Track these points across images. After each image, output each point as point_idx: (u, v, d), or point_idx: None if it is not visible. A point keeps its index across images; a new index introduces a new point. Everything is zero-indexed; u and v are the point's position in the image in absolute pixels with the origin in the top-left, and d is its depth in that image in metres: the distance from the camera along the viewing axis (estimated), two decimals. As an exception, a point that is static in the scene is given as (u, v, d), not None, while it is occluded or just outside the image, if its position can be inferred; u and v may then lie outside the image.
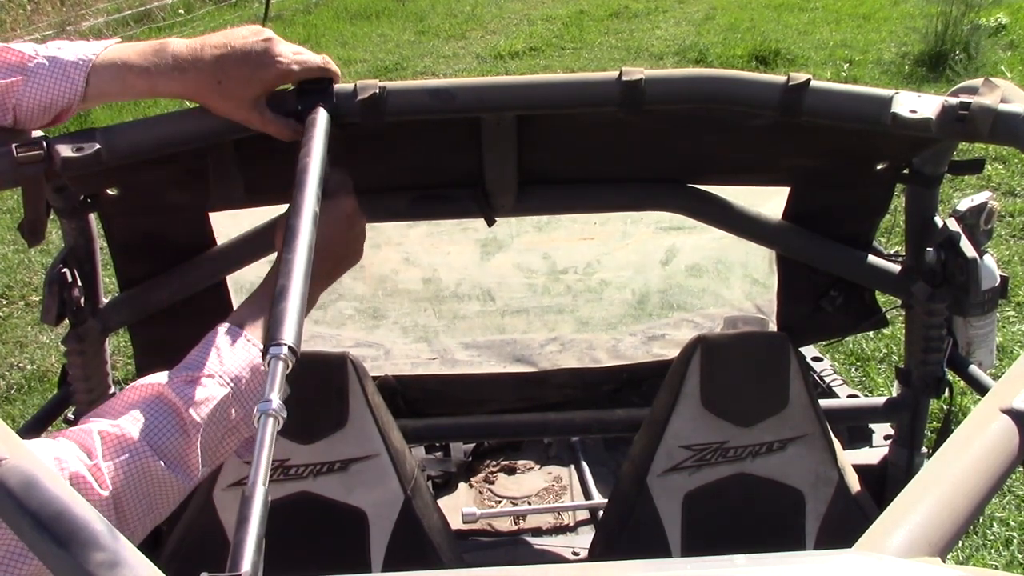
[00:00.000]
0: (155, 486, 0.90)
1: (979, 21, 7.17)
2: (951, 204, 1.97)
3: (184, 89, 1.09)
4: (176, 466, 0.91)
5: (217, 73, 1.08)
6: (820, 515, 1.52)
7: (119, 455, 0.88)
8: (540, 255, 2.31)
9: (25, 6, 9.06)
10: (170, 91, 1.10)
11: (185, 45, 1.09)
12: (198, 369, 0.95)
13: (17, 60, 1.07)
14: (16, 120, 1.08)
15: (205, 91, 1.10)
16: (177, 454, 0.91)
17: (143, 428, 0.90)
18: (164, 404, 0.92)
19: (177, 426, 0.91)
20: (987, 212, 1.50)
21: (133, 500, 0.88)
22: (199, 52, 1.08)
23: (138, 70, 1.07)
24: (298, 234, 0.93)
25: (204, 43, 1.09)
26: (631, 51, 8.17)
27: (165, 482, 0.91)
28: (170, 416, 0.92)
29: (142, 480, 0.89)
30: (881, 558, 0.56)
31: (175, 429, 0.91)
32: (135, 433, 0.89)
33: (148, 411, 0.91)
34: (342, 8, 10.20)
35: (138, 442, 0.89)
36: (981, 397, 1.24)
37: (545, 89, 1.24)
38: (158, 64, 1.07)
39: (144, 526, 0.91)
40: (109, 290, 1.54)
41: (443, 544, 1.52)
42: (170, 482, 0.91)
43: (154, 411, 0.91)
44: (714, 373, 1.48)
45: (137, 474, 0.88)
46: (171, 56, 1.08)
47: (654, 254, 2.29)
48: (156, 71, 1.07)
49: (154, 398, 0.92)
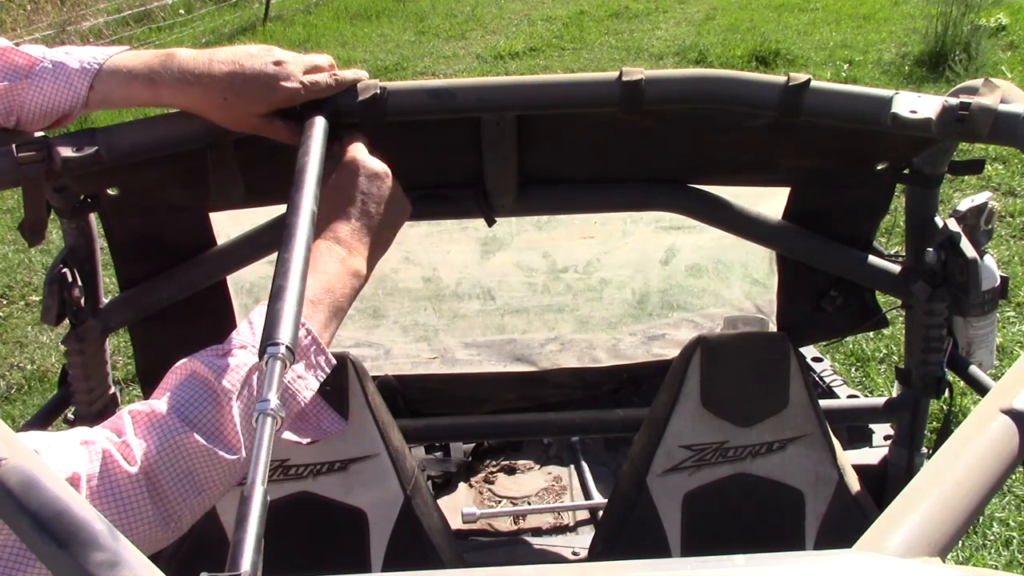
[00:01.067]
0: (196, 461, 0.87)
1: (979, 21, 7.18)
2: (951, 204, 1.97)
3: (188, 101, 1.10)
4: (214, 438, 0.87)
5: (224, 90, 1.08)
6: (820, 515, 1.52)
7: (150, 431, 0.85)
8: (540, 254, 2.31)
9: (25, 6, 9.06)
10: (174, 102, 1.10)
11: (193, 57, 1.09)
12: (229, 342, 0.93)
13: (24, 63, 1.07)
14: (19, 122, 1.09)
15: (210, 106, 1.10)
16: (212, 425, 0.88)
17: (173, 403, 0.87)
18: (194, 378, 0.89)
19: (208, 396, 0.88)
20: (987, 212, 1.50)
21: (171, 477, 0.86)
22: (207, 66, 1.08)
23: (143, 79, 1.08)
24: (296, 234, 0.94)
25: (213, 58, 1.09)
26: (631, 51, 8.18)
27: (206, 456, 0.87)
28: (200, 388, 0.89)
29: (178, 455, 0.86)
30: (881, 558, 0.56)
31: (206, 400, 0.88)
32: (165, 408, 0.87)
33: (179, 387, 0.89)
34: (342, 8, 10.20)
35: (168, 416, 0.86)
36: (981, 397, 1.24)
37: (545, 89, 1.24)
38: (163, 75, 1.08)
39: (192, 506, 0.88)
40: (109, 290, 1.54)
41: (443, 544, 1.52)
42: (211, 456, 0.87)
43: (184, 386, 0.89)
44: (714, 373, 1.48)
45: (171, 449, 0.85)
46: (178, 68, 1.08)
47: (654, 253, 2.29)
48: (161, 81, 1.07)
49: (184, 375, 0.90)
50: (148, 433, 0.85)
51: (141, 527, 0.84)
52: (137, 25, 9.38)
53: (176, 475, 0.86)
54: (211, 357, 0.91)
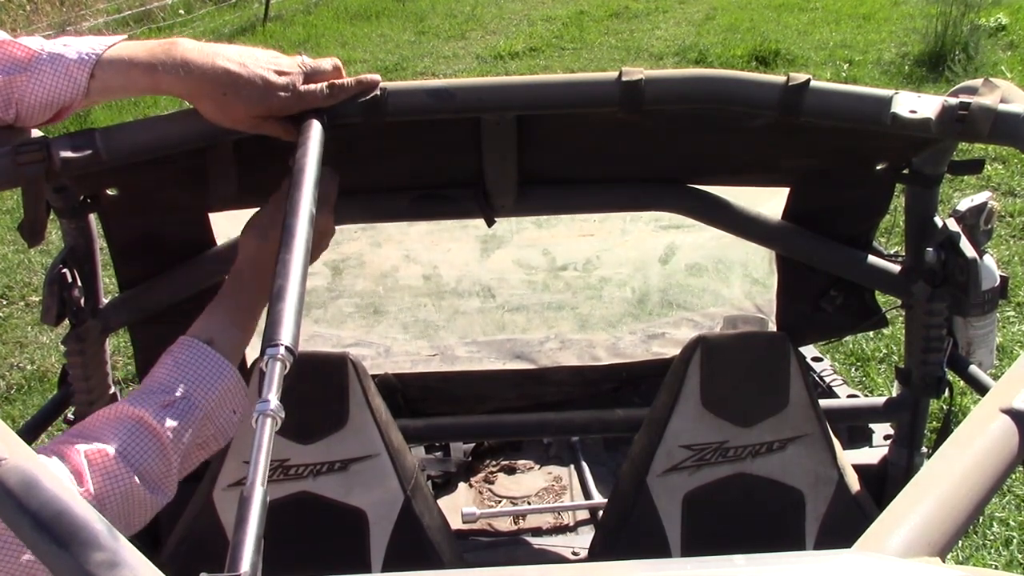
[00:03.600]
0: (133, 505, 0.94)
1: (979, 21, 7.18)
2: (951, 204, 1.97)
3: (186, 90, 1.09)
4: (154, 487, 0.96)
5: (223, 86, 1.08)
6: (820, 515, 1.52)
7: (104, 477, 0.92)
8: (540, 251, 2.32)
9: (25, 6, 9.07)
10: (172, 89, 1.09)
11: (197, 48, 1.09)
12: (172, 392, 0.99)
13: (23, 55, 1.07)
14: (18, 115, 1.08)
15: (207, 98, 1.09)
16: (156, 475, 0.96)
17: (126, 452, 0.94)
18: (144, 429, 0.96)
19: (158, 450, 0.96)
20: (987, 212, 1.50)
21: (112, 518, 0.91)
22: (211, 59, 1.08)
23: (144, 66, 1.07)
24: (295, 234, 0.94)
25: (218, 52, 1.09)
26: (631, 51, 8.18)
27: (143, 500, 0.95)
28: (151, 441, 0.96)
29: (123, 500, 0.93)
30: (881, 558, 0.56)
31: (155, 453, 0.96)
32: (119, 457, 0.93)
33: (130, 435, 0.95)
34: (342, 8, 10.20)
35: (122, 466, 0.93)
36: (981, 397, 1.24)
37: (545, 89, 1.24)
38: (165, 62, 1.07)
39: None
40: (109, 290, 1.54)
41: (443, 544, 1.52)
42: (147, 500, 0.96)
43: (135, 436, 0.95)
44: (714, 373, 1.48)
45: (119, 495, 0.93)
46: (180, 55, 1.07)
47: (654, 252, 2.30)
48: (162, 68, 1.07)
49: (135, 422, 0.96)
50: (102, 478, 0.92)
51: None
52: (137, 25, 9.38)
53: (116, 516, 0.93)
54: (158, 409, 0.97)
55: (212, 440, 1.03)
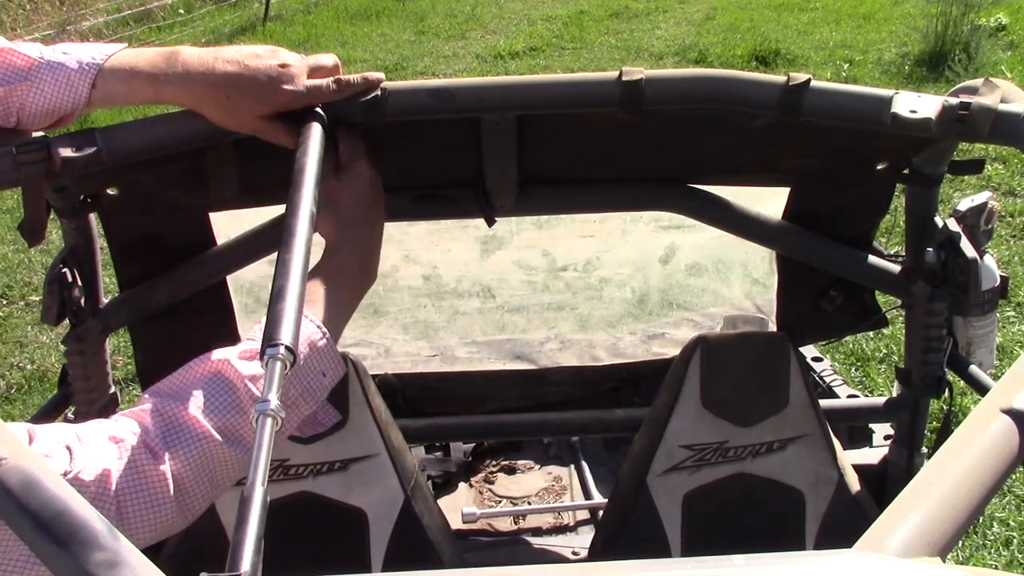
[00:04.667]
0: (217, 463, 0.92)
1: (979, 21, 7.18)
2: (951, 204, 1.97)
3: (191, 99, 1.09)
4: (235, 442, 0.93)
5: (228, 89, 1.08)
6: (820, 515, 1.52)
7: (179, 434, 0.90)
8: (540, 252, 2.32)
9: (25, 6, 9.06)
10: (175, 99, 1.10)
11: (197, 55, 1.09)
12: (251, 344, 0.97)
13: (23, 64, 1.07)
14: (20, 122, 1.09)
15: (211, 104, 1.09)
16: (234, 429, 0.93)
17: (202, 406, 0.92)
18: (223, 381, 0.94)
19: (234, 402, 0.93)
20: (987, 212, 1.50)
21: (193, 476, 0.91)
22: (212, 65, 1.08)
23: (145, 76, 1.07)
24: (295, 234, 0.94)
25: (217, 56, 1.09)
26: (631, 51, 8.18)
27: (225, 457, 0.93)
28: (228, 392, 0.93)
29: (203, 459, 0.91)
30: (881, 558, 0.56)
31: (232, 406, 0.93)
32: (194, 412, 0.91)
33: (207, 388, 0.93)
34: (342, 8, 10.20)
35: (197, 421, 0.91)
36: (981, 397, 1.24)
37: (545, 89, 1.24)
38: (166, 71, 1.07)
39: (208, 498, 0.95)
40: (109, 290, 1.54)
41: (443, 544, 1.52)
42: (229, 457, 0.93)
43: (213, 388, 0.93)
44: (714, 373, 1.48)
45: (198, 454, 0.91)
46: (181, 64, 1.08)
47: (654, 252, 2.30)
48: (164, 78, 1.07)
49: (213, 374, 0.94)
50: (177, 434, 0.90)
51: (162, 517, 0.90)
52: (137, 25, 9.38)
53: (198, 474, 0.92)
54: (237, 360, 0.95)
55: (300, 400, 0.99)
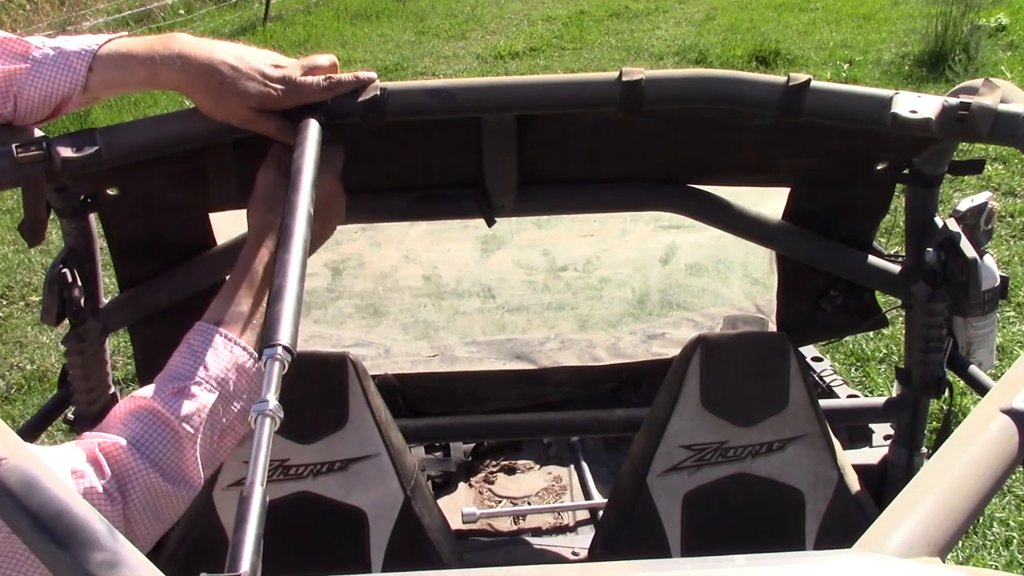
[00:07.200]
0: (158, 499, 0.93)
1: (979, 21, 7.18)
2: (951, 204, 1.97)
3: (184, 82, 1.09)
4: (175, 479, 0.93)
5: (221, 75, 1.08)
6: (820, 515, 1.52)
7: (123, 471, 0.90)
8: (540, 252, 2.32)
9: (25, 6, 9.07)
10: (169, 82, 1.10)
11: (194, 42, 1.09)
12: (184, 379, 0.96)
13: (22, 49, 1.07)
14: (16, 109, 1.08)
15: (202, 89, 1.09)
16: (175, 467, 0.93)
17: (140, 445, 0.92)
18: (157, 419, 0.93)
19: (172, 440, 0.93)
20: (987, 212, 1.50)
21: (141, 513, 0.92)
22: (209, 51, 1.08)
23: (141, 59, 1.08)
24: (293, 234, 0.94)
25: (216, 46, 1.10)
26: (631, 51, 8.18)
27: (167, 494, 0.93)
28: (164, 431, 0.93)
29: (146, 494, 0.91)
30: (881, 558, 0.56)
31: (171, 444, 0.93)
32: (134, 450, 0.91)
33: (143, 427, 0.93)
34: (342, 8, 10.20)
35: (138, 459, 0.91)
36: (981, 397, 1.24)
37: (545, 89, 1.24)
38: (163, 54, 1.08)
39: (153, 535, 0.95)
40: (109, 290, 1.54)
41: (443, 544, 1.52)
42: (171, 494, 0.93)
43: (149, 427, 0.93)
44: (714, 373, 1.47)
45: (141, 490, 0.91)
46: (178, 48, 1.08)
47: (654, 252, 2.30)
48: (160, 61, 1.07)
49: (147, 413, 0.94)
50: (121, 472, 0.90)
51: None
52: (137, 25, 9.38)
53: (144, 510, 0.92)
54: (170, 397, 0.94)
55: (235, 424, 0.99)
